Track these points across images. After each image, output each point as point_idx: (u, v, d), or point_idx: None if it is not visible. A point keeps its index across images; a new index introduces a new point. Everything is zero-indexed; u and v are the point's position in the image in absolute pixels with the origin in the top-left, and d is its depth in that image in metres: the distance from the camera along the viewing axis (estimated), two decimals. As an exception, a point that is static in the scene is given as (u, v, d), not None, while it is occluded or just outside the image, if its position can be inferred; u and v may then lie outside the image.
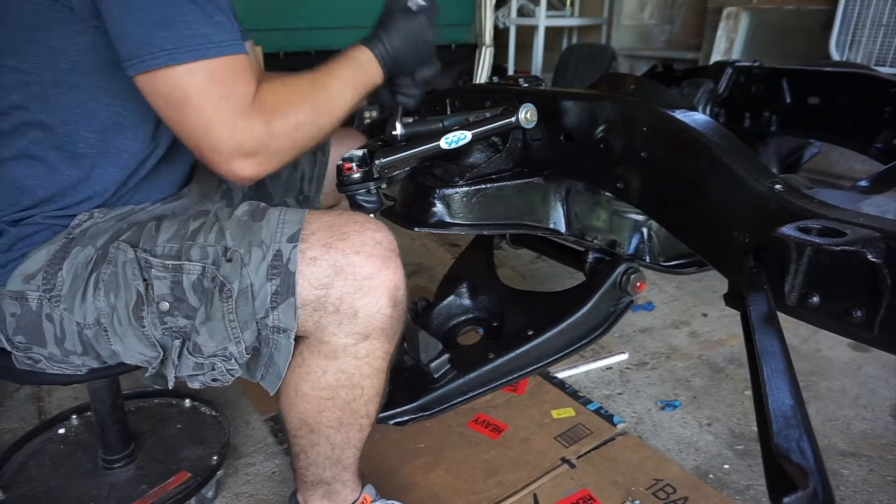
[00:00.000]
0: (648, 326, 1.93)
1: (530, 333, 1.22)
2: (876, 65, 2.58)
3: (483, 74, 4.24)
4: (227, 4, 0.81)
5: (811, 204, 0.74)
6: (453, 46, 4.43)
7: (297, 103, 0.86)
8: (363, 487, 1.08)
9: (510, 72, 4.53)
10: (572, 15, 4.65)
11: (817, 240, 0.65)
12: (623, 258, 1.23)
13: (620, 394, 1.59)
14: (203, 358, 0.86)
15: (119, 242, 0.87)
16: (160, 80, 0.77)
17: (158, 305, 0.84)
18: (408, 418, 1.16)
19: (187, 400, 1.45)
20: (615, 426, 1.45)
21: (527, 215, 1.22)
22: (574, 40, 4.73)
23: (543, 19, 4.22)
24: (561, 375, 1.65)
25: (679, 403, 1.55)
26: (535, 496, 1.24)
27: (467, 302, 1.46)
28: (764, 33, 3.20)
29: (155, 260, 0.85)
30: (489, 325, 1.42)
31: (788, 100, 1.48)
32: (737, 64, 1.57)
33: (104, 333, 0.86)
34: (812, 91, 1.43)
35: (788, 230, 0.67)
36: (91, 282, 0.85)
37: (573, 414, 1.50)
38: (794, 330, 1.80)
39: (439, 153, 1.01)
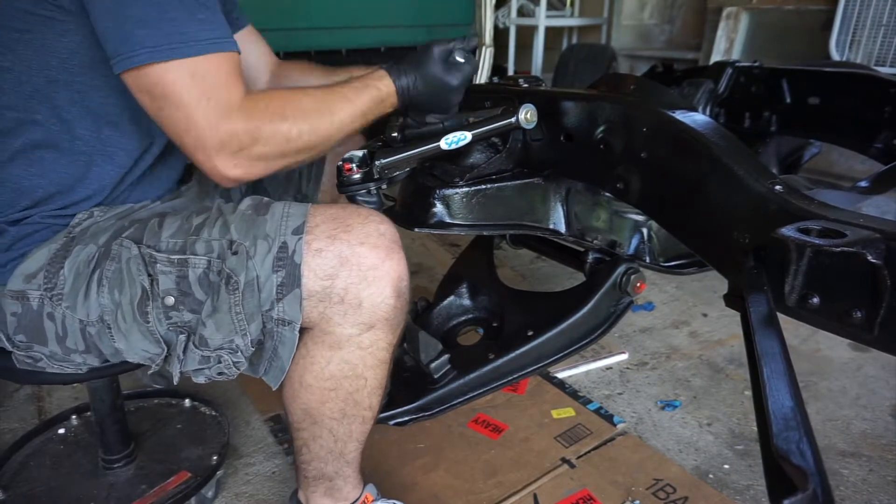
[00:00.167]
0: (648, 326, 1.93)
1: (530, 334, 1.22)
2: (876, 65, 2.58)
3: (483, 74, 4.24)
4: (213, 0, 0.80)
5: (811, 205, 0.74)
6: (453, 46, 4.42)
7: (292, 117, 0.85)
8: (364, 486, 1.08)
9: (510, 72, 4.52)
10: (572, 15, 4.65)
11: (817, 241, 0.64)
12: (623, 258, 1.23)
13: (620, 394, 1.59)
14: (209, 351, 0.86)
15: (122, 239, 0.87)
16: (142, 78, 0.77)
17: (164, 300, 0.85)
18: (408, 418, 1.16)
19: (187, 400, 1.44)
20: (615, 426, 1.45)
21: (527, 216, 1.22)
22: (574, 40, 4.73)
23: (543, 19, 4.22)
24: (561, 375, 1.65)
25: (679, 403, 1.55)
26: (535, 496, 1.24)
27: (467, 302, 1.46)
28: (764, 33, 3.20)
29: (160, 255, 0.85)
30: (489, 326, 1.42)
31: (788, 100, 1.48)
32: (737, 64, 1.56)
33: (108, 330, 0.87)
34: (812, 91, 1.43)
35: (788, 231, 0.67)
36: (94, 279, 0.86)
37: (573, 414, 1.50)
38: (794, 330, 1.80)
39: (439, 154, 1.01)
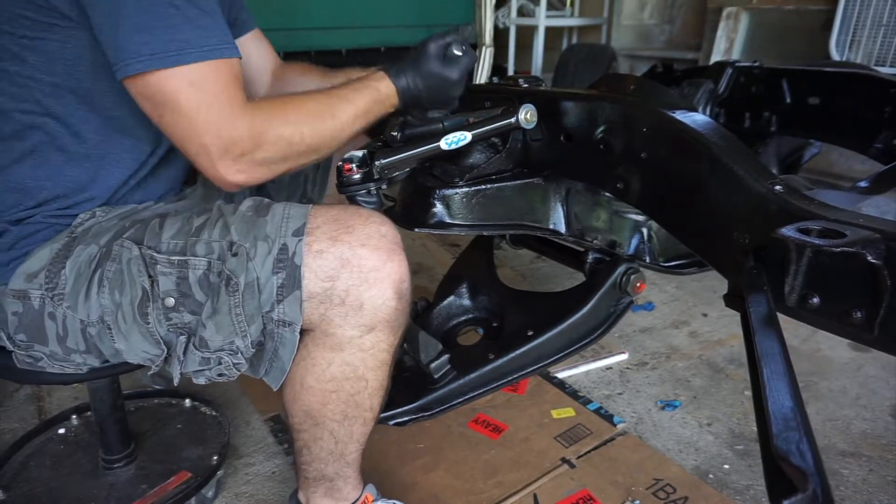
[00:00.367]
0: (648, 326, 1.93)
1: (530, 334, 1.22)
2: (876, 65, 2.57)
3: (483, 74, 4.24)
4: (213, 6, 0.80)
5: (811, 205, 0.74)
6: (453, 46, 4.42)
7: (295, 122, 0.86)
8: (364, 487, 1.08)
9: (510, 72, 4.52)
10: (572, 15, 4.64)
11: (817, 241, 0.64)
12: (623, 258, 1.23)
13: (620, 394, 1.59)
14: (210, 352, 0.86)
15: (123, 240, 0.87)
16: (143, 85, 0.78)
17: (164, 301, 0.85)
18: (408, 419, 1.16)
19: (187, 400, 1.44)
20: (615, 426, 1.45)
21: (527, 216, 1.21)
22: (574, 40, 4.73)
23: (543, 19, 4.21)
24: (561, 375, 1.65)
25: (679, 403, 1.55)
26: (535, 496, 1.24)
27: (467, 302, 1.46)
28: (764, 33, 3.20)
29: (160, 256, 0.85)
30: (489, 326, 1.42)
31: (788, 100, 1.48)
32: (737, 64, 1.56)
33: (108, 331, 0.86)
34: (812, 91, 1.43)
35: (788, 231, 0.67)
36: (95, 279, 0.86)
37: (573, 414, 1.50)
38: (794, 330, 1.80)
39: (439, 154, 1.01)
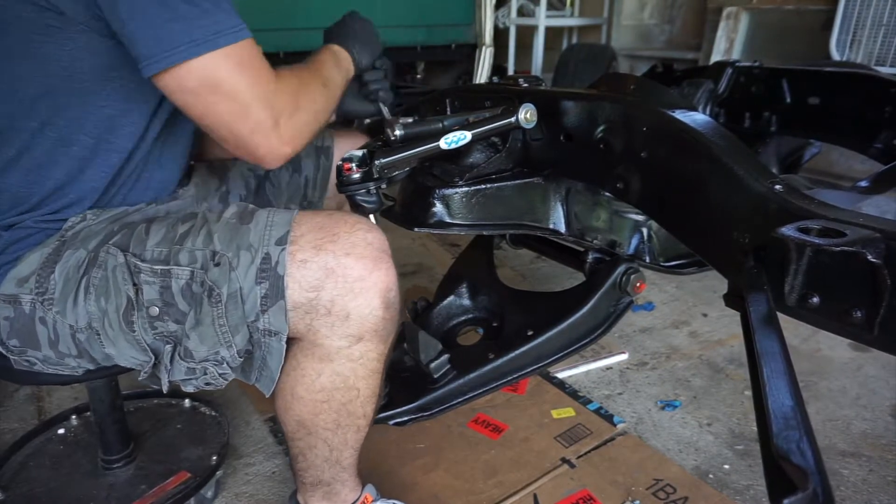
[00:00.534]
0: (648, 326, 1.93)
1: (530, 333, 1.22)
2: (876, 65, 2.57)
3: (483, 74, 4.24)
4: None
5: (811, 204, 0.74)
6: (453, 46, 4.41)
7: (308, 82, 0.92)
8: (364, 487, 1.08)
9: (510, 72, 4.52)
10: (572, 15, 4.64)
11: (817, 240, 0.64)
12: (623, 258, 1.23)
13: (620, 394, 1.59)
14: (195, 363, 0.85)
15: (109, 246, 0.86)
16: (184, 76, 0.76)
17: (148, 310, 0.84)
18: (407, 419, 1.16)
19: (187, 400, 1.44)
20: (615, 426, 1.45)
21: (527, 215, 1.21)
22: (574, 40, 4.73)
23: (543, 19, 4.21)
24: (561, 375, 1.65)
25: (679, 403, 1.55)
26: (535, 496, 1.24)
27: (467, 302, 1.46)
28: (764, 33, 3.20)
29: (144, 265, 0.84)
30: (489, 325, 1.42)
31: (788, 100, 1.48)
32: (737, 64, 1.56)
33: (97, 337, 0.86)
34: (812, 91, 1.43)
35: (788, 230, 0.67)
36: (82, 286, 0.85)
37: (573, 414, 1.50)
38: (794, 330, 1.80)
39: (439, 153, 1.01)
